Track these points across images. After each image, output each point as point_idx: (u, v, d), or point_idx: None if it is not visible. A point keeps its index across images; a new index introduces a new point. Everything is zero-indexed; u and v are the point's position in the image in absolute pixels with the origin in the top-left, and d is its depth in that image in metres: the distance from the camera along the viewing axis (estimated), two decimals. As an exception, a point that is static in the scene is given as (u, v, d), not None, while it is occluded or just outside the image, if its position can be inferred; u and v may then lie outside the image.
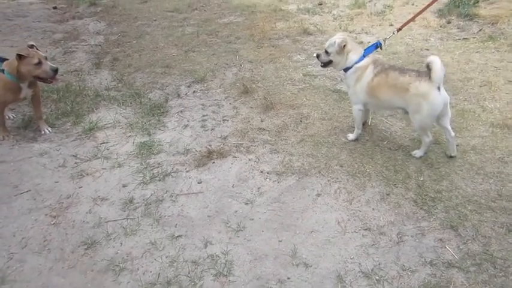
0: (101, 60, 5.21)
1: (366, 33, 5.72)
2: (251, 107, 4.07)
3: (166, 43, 5.76)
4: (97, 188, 3.08)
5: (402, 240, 2.56)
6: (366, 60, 3.26)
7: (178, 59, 5.20)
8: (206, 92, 4.41)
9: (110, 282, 2.39)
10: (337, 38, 3.31)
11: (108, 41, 5.93)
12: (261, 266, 2.45)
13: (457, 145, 3.30)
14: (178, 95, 4.35)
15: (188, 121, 3.88)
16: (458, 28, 5.71)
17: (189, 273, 2.41)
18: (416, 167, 3.15)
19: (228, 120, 3.87)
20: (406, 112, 3.16)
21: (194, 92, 4.42)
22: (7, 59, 3.44)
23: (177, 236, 2.67)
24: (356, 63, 3.27)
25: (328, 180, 3.07)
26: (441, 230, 2.62)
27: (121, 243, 2.63)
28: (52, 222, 2.79)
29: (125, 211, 2.87)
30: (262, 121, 3.83)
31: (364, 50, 3.32)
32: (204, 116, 3.96)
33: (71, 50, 5.57)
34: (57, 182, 3.14)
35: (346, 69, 3.35)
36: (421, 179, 3.03)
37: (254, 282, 2.35)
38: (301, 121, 3.80)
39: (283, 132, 3.64)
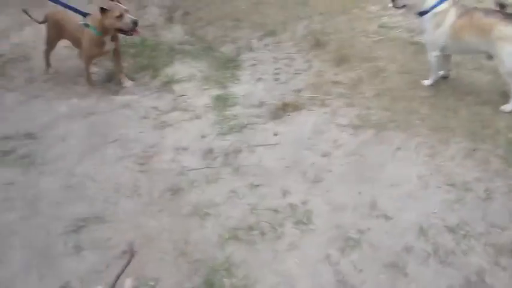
0: (173, 15, 5.27)
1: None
2: (324, 60, 3.98)
3: (234, -5, 5.69)
4: (178, 138, 3.22)
5: (490, 197, 2.46)
6: (446, 3, 3.08)
7: (248, 12, 5.13)
8: (277, 45, 4.35)
9: (196, 226, 2.52)
10: None
11: (178, -6, 5.95)
12: (340, 216, 2.48)
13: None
14: (250, 49, 4.34)
15: (261, 74, 3.89)
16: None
17: (270, 220, 2.50)
18: (507, 123, 2.95)
19: (301, 74, 3.82)
20: (490, 57, 3.04)
21: (265, 45, 4.38)
22: (89, 14, 3.59)
23: (256, 185, 2.74)
24: (434, 7, 3.09)
25: (408, 135, 2.97)
26: (534, 189, 2.48)
27: (203, 191, 2.76)
28: (140, 170, 2.97)
29: (205, 160, 2.99)
30: (336, 74, 3.74)
31: None
32: (276, 69, 3.94)
33: (144, 4, 5.67)
34: (142, 132, 3.31)
35: (421, 13, 3.18)
36: (512, 135, 2.85)
37: (334, 231, 2.39)
38: (377, 74, 3.66)
39: (358, 86, 3.55)
